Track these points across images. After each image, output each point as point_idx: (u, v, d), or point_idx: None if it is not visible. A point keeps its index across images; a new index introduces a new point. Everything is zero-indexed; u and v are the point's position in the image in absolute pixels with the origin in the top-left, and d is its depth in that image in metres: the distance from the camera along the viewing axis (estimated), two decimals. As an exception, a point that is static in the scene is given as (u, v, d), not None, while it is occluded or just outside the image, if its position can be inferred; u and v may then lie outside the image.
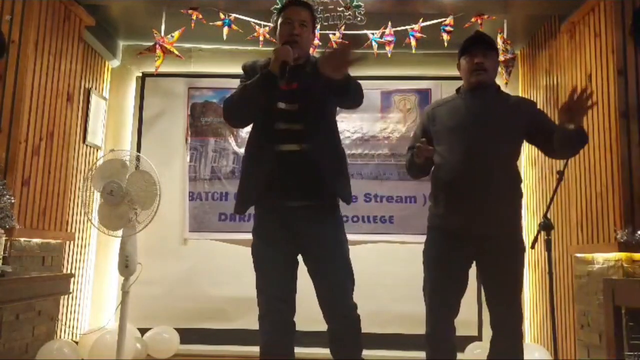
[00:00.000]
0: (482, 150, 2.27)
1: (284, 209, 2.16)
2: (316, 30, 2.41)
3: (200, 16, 3.80)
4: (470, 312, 3.69)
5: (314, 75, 2.06)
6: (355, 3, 3.70)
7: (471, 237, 2.29)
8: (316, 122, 2.18)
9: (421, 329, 2.42)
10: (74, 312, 4.15)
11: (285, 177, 2.13)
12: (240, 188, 2.25)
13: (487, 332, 4.25)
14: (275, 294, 2.16)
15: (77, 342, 3.79)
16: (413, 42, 3.87)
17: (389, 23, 3.90)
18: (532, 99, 4.37)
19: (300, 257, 2.25)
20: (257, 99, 2.12)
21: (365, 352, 3.91)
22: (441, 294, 2.35)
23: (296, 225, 2.17)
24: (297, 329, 2.23)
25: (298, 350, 2.27)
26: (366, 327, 2.61)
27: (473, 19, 3.82)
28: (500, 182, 2.26)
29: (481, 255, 2.31)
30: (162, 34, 3.94)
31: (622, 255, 2.89)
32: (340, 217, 2.29)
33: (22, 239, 3.22)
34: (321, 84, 2.05)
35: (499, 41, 4.01)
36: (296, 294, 2.22)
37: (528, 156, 4.40)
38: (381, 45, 3.91)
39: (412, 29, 3.86)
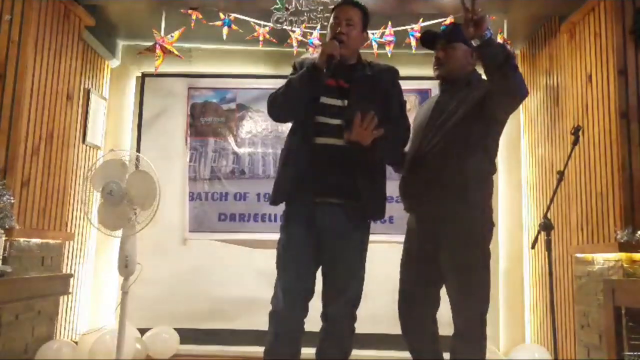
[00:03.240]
0: (432, 145, 2.24)
1: (312, 205, 2.16)
2: (368, 31, 2.43)
3: (200, 16, 3.80)
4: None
5: (365, 79, 2.18)
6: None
7: (427, 232, 2.26)
8: (349, 121, 2.16)
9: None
10: (74, 312, 4.15)
11: (319, 171, 2.13)
12: (276, 179, 2.25)
13: (488, 332, 4.27)
14: (289, 296, 2.15)
15: (76, 342, 3.79)
16: (413, 42, 3.86)
17: (389, 23, 3.90)
18: (531, 99, 4.37)
19: None
20: (300, 91, 2.14)
21: (366, 352, 3.91)
22: (407, 287, 2.32)
23: (321, 222, 2.15)
24: (309, 329, 2.21)
25: (307, 350, 2.26)
26: (366, 328, 2.60)
27: (473, 19, 3.81)
28: (452, 177, 2.18)
29: (439, 251, 2.24)
30: (162, 33, 3.93)
31: (622, 255, 2.89)
32: (367, 225, 2.26)
33: (21, 239, 3.21)
34: (373, 86, 2.17)
35: (499, 41, 4.01)
36: (312, 297, 2.20)
37: (528, 156, 4.40)
38: (381, 45, 3.91)
39: (412, 29, 3.86)
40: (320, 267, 2.23)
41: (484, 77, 2.28)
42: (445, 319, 2.31)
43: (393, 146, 2.26)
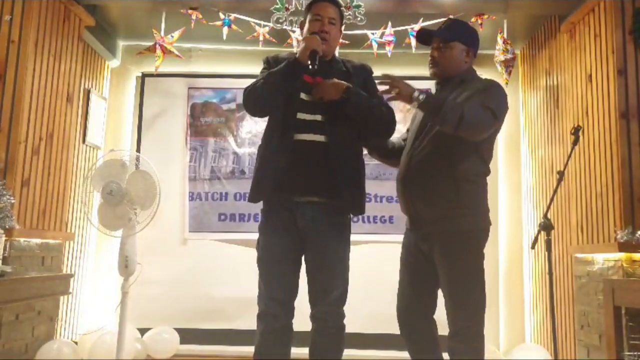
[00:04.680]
0: (422, 147, 2.24)
1: (291, 204, 2.15)
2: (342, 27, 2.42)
3: (200, 16, 3.80)
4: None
5: (342, 74, 2.17)
6: (355, 3, 3.70)
7: (421, 233, 2.26)
8: (337, 118, 2.17)
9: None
10: (74, 312, 4.15)
11: (300, 169, 2.12)
12: (255, 175, 2.23)
13: (488, 332, 4.27)
14: (273, 297, 2.16)
15: (76, 342, 3.79)
16: (413, 42, 3.86)
17: (389, 23, 3.90)
18: (531, 99, 4.37)
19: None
20: (280, 86, 2.13)
21: (366, 353, 3.91)
22: (406, 288, 2.31)
23: (302, 222, 2.15)
24: (301, 329, 2.22)
25: (299, 350, 2.26)
26: (366, 328, 2.62)
27: (473, 19, 3.82)
28: (443, 178, 2.16)
29: (433, 253, 2.23)
30: (162, 34, 3.94)
31: (622, 255, 2.89)
32: (347, 221, 2.27)
33: (21, 239, 3.21)
34: (349, 82, 2.15)
35: (499, 41, 4.02)
36: (296, 296, 2.21)
37: (528, 156, 4.40)
38: (381, 45, 3.91)
39: (412, 29, 3.86)
40: (304, 267, 2.23)
41: (479, 74, 2.30)
42: (444, 319, 2.31)
43: (367, 107, 2.20)
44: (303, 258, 2.22)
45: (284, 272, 2.18)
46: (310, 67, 2.09)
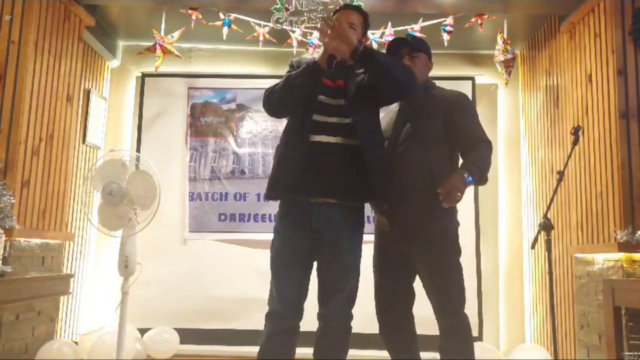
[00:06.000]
0: (399, 152, 2.31)
1: (307, 205, 2.17)
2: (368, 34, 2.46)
3: (200, 16, 3.80)
4: (470, 312, 3.66)
5: (360, 76, 2.19)
6: (355, 3, 3.70)
7: (400, 233, 2.31)
8: (357, 121, 2.20)
9: (421, 329, 2.42)
10: (74, 312, 4.15)
11: (316, 170, 2.14)
12: (273, 174, 2.24)
13: (488, 332, 4.28)
14: (284, 298, 2.16)
15: (76, 343, 3.79)
16: (413, 43, 3.86)
17: (389, 23, 3.90)
18: (531, 99, 4.37)
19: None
20: (299, 88, 2.15)
21: (366, 353, 3.91)
22: (384, 289, 2.37)
23: (317, 222, 2.16)
24: (307, 329, 2.22)
25: (303, 350, 2.26)
26: (366, 328, 2.62)
27: (473, 19, 3.82)
28: (419, 183, 2.25)
29: (412, 255, 2.30)
30: (162, 34, 3.94)
31: (622, 255, 2.89)
32: (362, 222, 2.29)
33: (22, 239, 3.22)
34: (369, 85, 2.18)
35: (499, 41, 4.02)
36: (306, 298, 2.21)
37: (528, 156, 4.40)
38: (381, 46, 3.91)
39: (412, 29, 3.86)
40: (315, 267, 2.24)
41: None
42: (426, 318, 2.34)
43: (384, 62, 2.18)
44: (316, 256, 2.23)
45: (296, 274, 2.19)
46: (327, 69, 2.12)
